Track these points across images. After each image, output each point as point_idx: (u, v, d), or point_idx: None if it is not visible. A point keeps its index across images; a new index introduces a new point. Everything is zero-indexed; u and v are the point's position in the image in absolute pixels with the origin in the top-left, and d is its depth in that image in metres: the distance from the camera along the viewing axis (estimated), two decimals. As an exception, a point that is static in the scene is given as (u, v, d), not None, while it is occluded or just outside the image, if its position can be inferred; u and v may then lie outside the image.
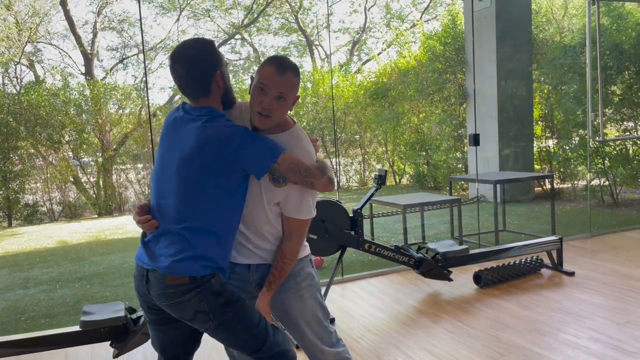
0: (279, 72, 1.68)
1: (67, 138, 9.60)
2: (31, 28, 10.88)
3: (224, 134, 1.61)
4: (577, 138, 7.66)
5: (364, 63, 15.46)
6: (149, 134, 9.77)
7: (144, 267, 1.66)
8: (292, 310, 1.81)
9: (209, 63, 1.67)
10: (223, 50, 14.51)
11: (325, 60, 14.66)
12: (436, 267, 3.81)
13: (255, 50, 15.16)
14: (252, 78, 1.76)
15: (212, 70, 1.67)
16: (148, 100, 11.67)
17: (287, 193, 1.73)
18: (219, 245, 1.65)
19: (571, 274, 4.11)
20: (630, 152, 7.22)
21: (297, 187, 1.72)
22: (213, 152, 1.60)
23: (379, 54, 14.79)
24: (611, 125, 7.47)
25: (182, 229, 1.63)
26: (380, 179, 3.69)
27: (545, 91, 8.38)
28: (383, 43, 15.60)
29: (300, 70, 1.78)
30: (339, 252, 3.58)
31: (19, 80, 10.95)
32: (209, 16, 14.16)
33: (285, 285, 1.80)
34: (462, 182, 8.61)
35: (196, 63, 1.66)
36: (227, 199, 1.64)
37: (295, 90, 1.73)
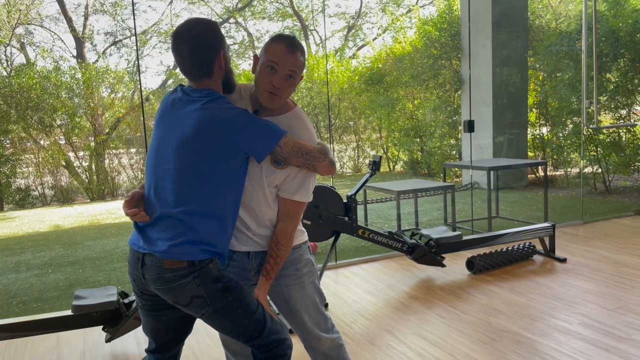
0: (290, 50, 1.65)
1: (58, 122, 9.51)
2: (21, 10, 10.71)
3: (226, 117, 1.58)
4: (571, 125, 7.67)
5: (359, 48, 15.37)
6: (142, 118, 9.70)
7: (140, 251, 1.63)
8: (292, 297, 1.80)
9: (212, 43, 1.64)
10: (217, 34, 14.34)
11: (320, 45, 14.55)
12: (429, 253, 3.82)
13: (249, 34, 15.01)
14: (255, 57, 1.72)
15: (216, 50, 1.65)
16: (140, 84, 11.56)
17: (287, 174, 1.71)
18: (218, 230, 1.63)
19: (563, 260, 4.13)
20: (623, 139, 7.24)
21: (297, 168, 1.71)
22: (214, 135, 1.58)
23: (374, 39, 14.71)
24: (605, 113, 7.48)
25: (180, 213, 1.60)
26: (375, 165, 3.68)
27: (540, 78, 8.36)
28: (378, 28, 15.50)
29: None
30: (333, 237, 3.58)
31: (9, 62, 10.80)
32: (202, -1, 13.97)
33: (285, 271, 1.78)
34: (456, 169, 8.62)
35: (200, 42, 1.63)
36: (227, 182, 1.62)
37: (303, 69, 1.70)
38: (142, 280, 1.65)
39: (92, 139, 9.92)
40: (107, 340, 2.93)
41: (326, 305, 3.43)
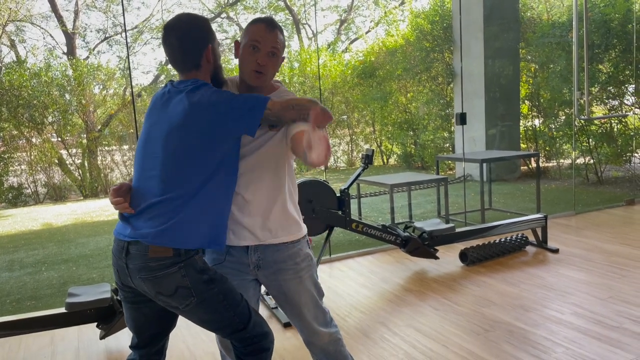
0: (269, 29, 1.70)
1: (50, 119, 9.45)
2: (11, 8, 10.61)
3: (210, 100, 1.60)
4: (563, 117, 7.70)
5: (352, 42, 15.34)
6: (134, 115, 9.65)
7: (125, 240, 1.62)
8: (290, 291, 1.80)
9: (201, 35, 1.69)
10: (208, 29, 14.30)
11: (313, 39, 14.51)
12: (423, 245, 3.83)
13: (241, 29, 14.95)
14: (236, 42, 1.75)
15: (204, 43, 1.68)
16: (131, 80, 11.50)
17: (283, 129, 1.70)
18: (209, 218, 1.62)
19: (555, 251, 4.16)
20: (615, 130, 7.28)
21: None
22: (201, 119, 1.59)
23: (367, 32, 14.68)
24: (597, 104, 7.51)
25: (168, 200, 1.59)
26: (368, 159, 3.69)
27: (532, 69, 8.38)
28: (371, 21, 15.47)
29: (287, 49, 1.76)
30: (327, 231, 3.59)
31: (-1, 60, 10.70)
32: (194, -6, 13.88)
33: (283, 265, 1.78)
34: (449, 162, 8.64)
35: (189, 34, 1.67)
36: (217, 168, 1.61)
37: (284, 48, 1.73)
38: (125, 271, 1.63)
39: (85, 136, 9.87)
40: (102, 337, 2.94)
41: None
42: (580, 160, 7.47)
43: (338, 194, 3.55)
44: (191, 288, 1.60)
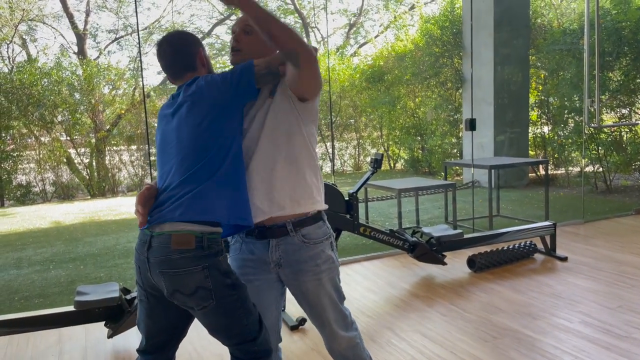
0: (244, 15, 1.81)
1: (59, 118, 9.51)
2: (24, 9, 10.70)
3: (208, 83, 1.69)
4: (573, 124, 7.67)
5: (361, 46, 15.35)
6: (142, 115, 9.70)
7: (150, 225, 1.63)
8: (309, 293, 1.80)
9: (191, 41, 1.81)
10: (218, 30, 14.38)
11: (322, 42, 14.53)
12: (430, 251, 3.82)
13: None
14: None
15: (194, 46, 1.80)
16: (142, 80, 11.55)
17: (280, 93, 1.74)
18: (231, 190, 1.64)
19: (564, 259, 4.14)
20: (625, 138, 7.24)
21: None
22: (206, 102, 1.66)
23: (376, 36, 14.70)
24: (607, 112, 7.47)
25: (189, 179, 1.62)
26: (376, 163, 3.68)
27: (542, 76, 8.35)
28: (380, 26, 15.48)
29: None
30: (334, 235, 3.58)
31: (11, 59, 10.80)
32: (204, -4, 13.95)
33: (304, 266, 1.77)
34: (457, 167, 8.62)
35: (179, 40, 1.80)
36: (231, 142, 1.66)
37: None
38: (145, 265, 1.63)
39: (93, 135, 9.92)
40: (109, 336, 2.94)
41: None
42: (589, 168, 7.43)
43: (346, 198, 3.55)
44: (212, 290, 1.60)
